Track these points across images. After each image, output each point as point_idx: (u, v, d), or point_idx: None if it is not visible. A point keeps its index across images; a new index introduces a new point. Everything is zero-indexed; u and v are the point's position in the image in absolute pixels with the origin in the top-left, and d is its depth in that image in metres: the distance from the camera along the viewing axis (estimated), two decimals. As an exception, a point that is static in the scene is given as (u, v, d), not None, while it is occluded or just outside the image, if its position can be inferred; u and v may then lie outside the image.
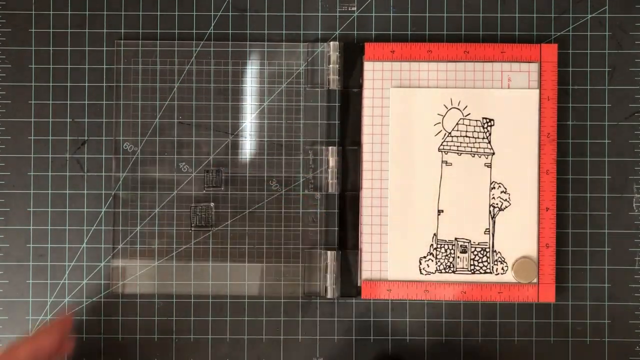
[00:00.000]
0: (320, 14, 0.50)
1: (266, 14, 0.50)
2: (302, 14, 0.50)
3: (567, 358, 0.49)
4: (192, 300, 0.49)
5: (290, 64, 0.49)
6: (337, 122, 0.49)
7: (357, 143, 0.49)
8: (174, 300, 0.49)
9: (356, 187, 0.49)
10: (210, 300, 0.49)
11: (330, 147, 0.49)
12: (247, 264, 0.49)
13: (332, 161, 0.49)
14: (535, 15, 0.50)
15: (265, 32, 0.50)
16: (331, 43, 0.49)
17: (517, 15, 0.50)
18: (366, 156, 0.49)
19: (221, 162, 0.49)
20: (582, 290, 0.49)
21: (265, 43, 0.49)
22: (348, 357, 0.49)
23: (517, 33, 0.49)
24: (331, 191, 0.49)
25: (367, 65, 0.49)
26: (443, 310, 0.49)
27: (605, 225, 0.49)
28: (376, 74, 0.49)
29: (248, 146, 0.49)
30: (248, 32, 0.50)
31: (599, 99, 0.49)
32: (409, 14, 0.50)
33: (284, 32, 0.50)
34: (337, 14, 0.50)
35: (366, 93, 0.49)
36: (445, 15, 0.50)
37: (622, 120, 0.49)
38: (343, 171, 0.49)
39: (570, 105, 0.49)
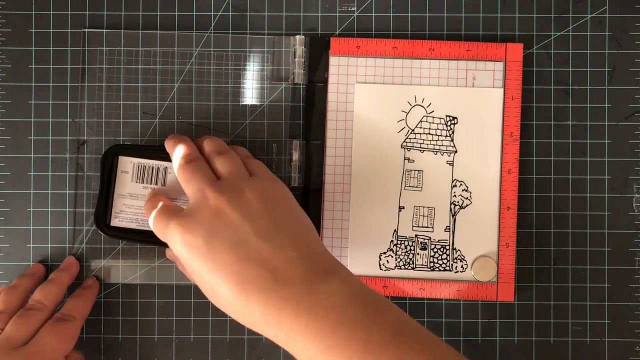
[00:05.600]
0: (320, 14, 0.50)
1: (266, 14, 0.50)
2: (302, 14, 0.50)
3: (567, 358, 0.49)
4: (192, 300, 0.49)
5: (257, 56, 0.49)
6: (301, 116, 0.49)
7: (321, 138, 0.49)
8: (174, 300, 0.49)
9: (319, 182, 0.49)
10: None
11: (294, 141, 0.49)
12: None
13: (296, 155, 0.49)
14: (535, 15, 0.50)
15: (265, 32, 0.50)
16: (297, 37, 0.49)
17: (517, 15, 0.50)
18: (329, 151, 0.49)
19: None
20: (581, 290, 0.49)
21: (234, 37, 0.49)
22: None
23: (517, 33, 0.49)
24: (294, 185, 0.49)
25: (333, 60, 0.49)
26: (443, 310, 0.49)
27: (605, 225, 0.49)
28: (341, 69, 0.49)
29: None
30: (248, 32, 0.50)
31: (599, 99, 0.49)
32: (409, 14, 0.50)
33: (283, 32, 0.50)
34: (337, 14, 0.50)
35: (331, 88, 0.49)
36: (445, 15, 0.50)
37: (622, 120, 0.49)
38: (306, 166, 0.49)
39: (570, 105, 0.49)
